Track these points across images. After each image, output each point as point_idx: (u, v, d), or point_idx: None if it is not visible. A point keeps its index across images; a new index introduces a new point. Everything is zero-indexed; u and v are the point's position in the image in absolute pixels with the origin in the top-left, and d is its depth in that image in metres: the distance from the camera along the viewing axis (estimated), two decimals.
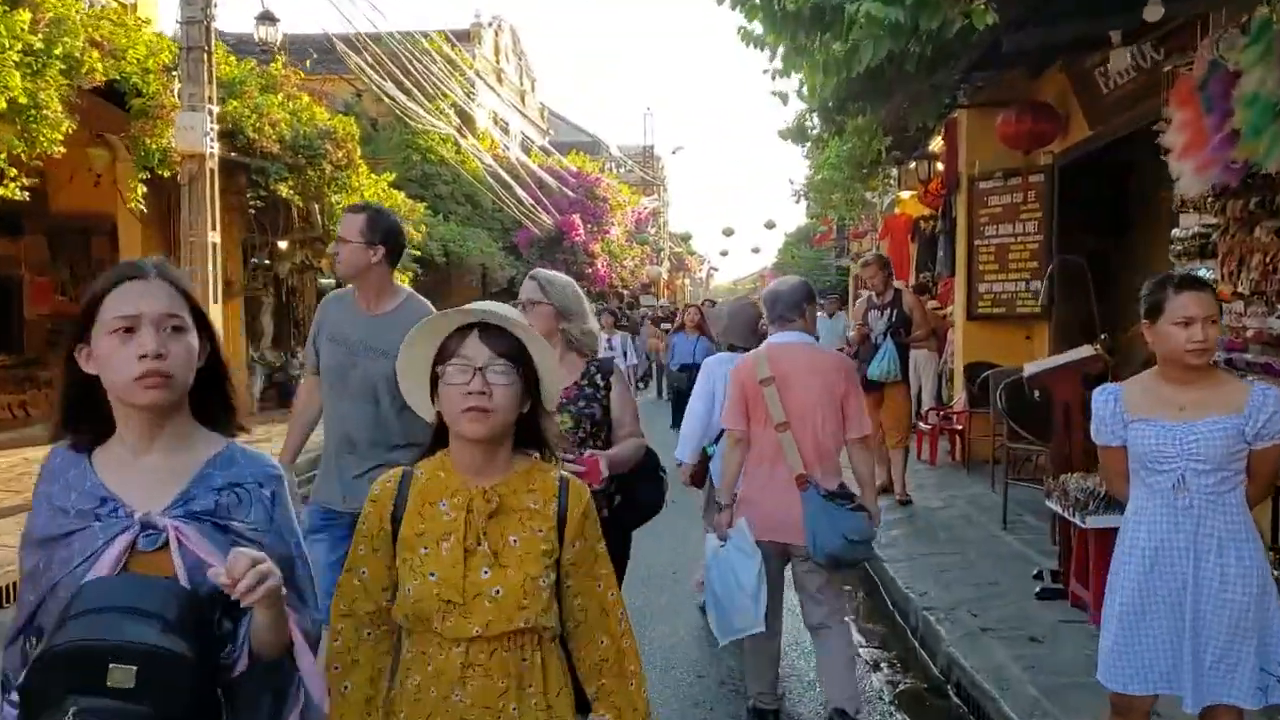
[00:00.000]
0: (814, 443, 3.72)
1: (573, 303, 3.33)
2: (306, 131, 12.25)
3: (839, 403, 3.77)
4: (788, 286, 4.08)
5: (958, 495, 8.11)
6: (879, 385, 7.93)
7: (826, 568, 3.75)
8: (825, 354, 4.12)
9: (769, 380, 3.73)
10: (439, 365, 1.94)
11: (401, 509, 1.97)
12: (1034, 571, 5.52)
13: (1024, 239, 9.33)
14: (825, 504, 3.62)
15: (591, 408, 3.30)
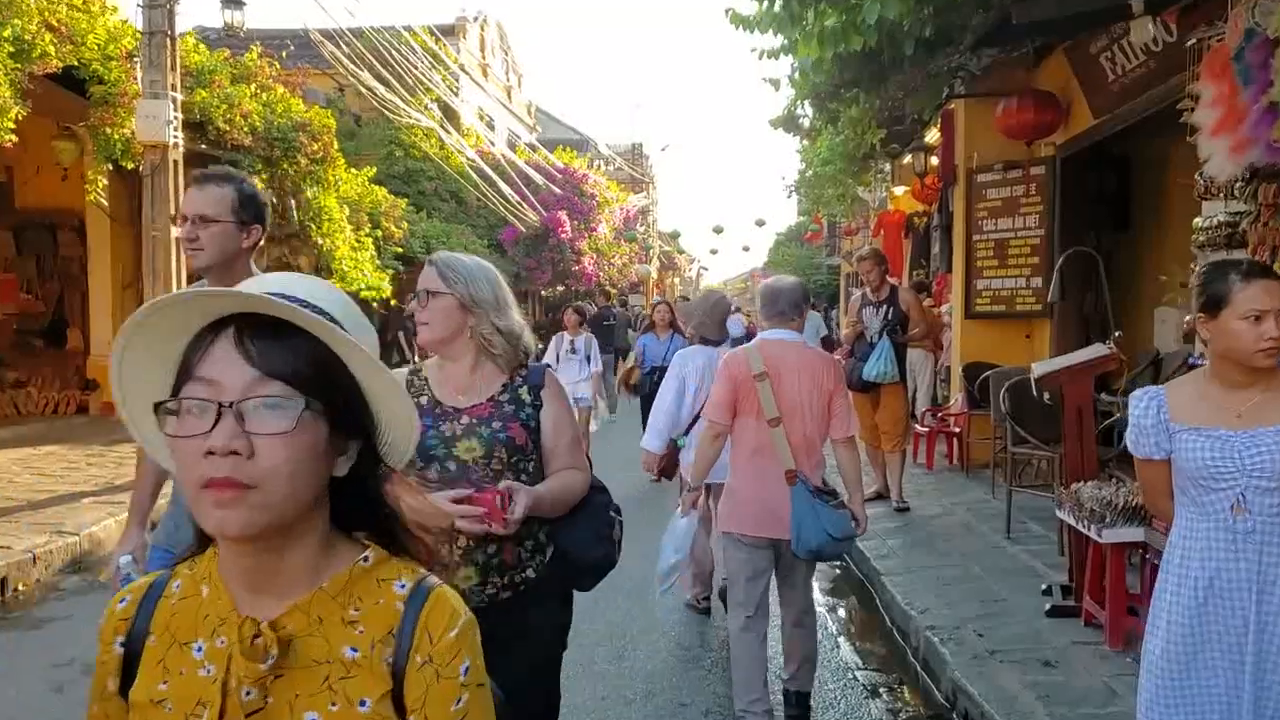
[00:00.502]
0: (802, 439, 3.76)
1: (484, 291, 2.47)
2: (281, 124, 11.82)
3: (826, 401, 3.83)
4: (788, 285, 4.12)
5: (957, 501, 7.75)
6: (874, 386, 7.57)
7: (806, 561, 3.87)
8: (815, 352, 4.12)
9: (763, 375, 3.75)
10: (166, 400, 1.10)
11: (137, 650, 1.18)
12: (1043, 586, 5.16)
13: (1024, 234, 8.99)
14: (812, 499, 3.66)
15: (510, 430, 2.46)
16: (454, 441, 2.43)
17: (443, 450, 2.42)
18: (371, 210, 16.44)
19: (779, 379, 3.77)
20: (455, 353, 2.51)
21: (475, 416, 2.47)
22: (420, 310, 2.50)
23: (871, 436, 7.85)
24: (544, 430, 2.53)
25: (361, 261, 14.50)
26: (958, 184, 9.69)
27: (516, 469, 2.46)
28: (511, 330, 2.51)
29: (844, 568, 6.63)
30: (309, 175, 12.44)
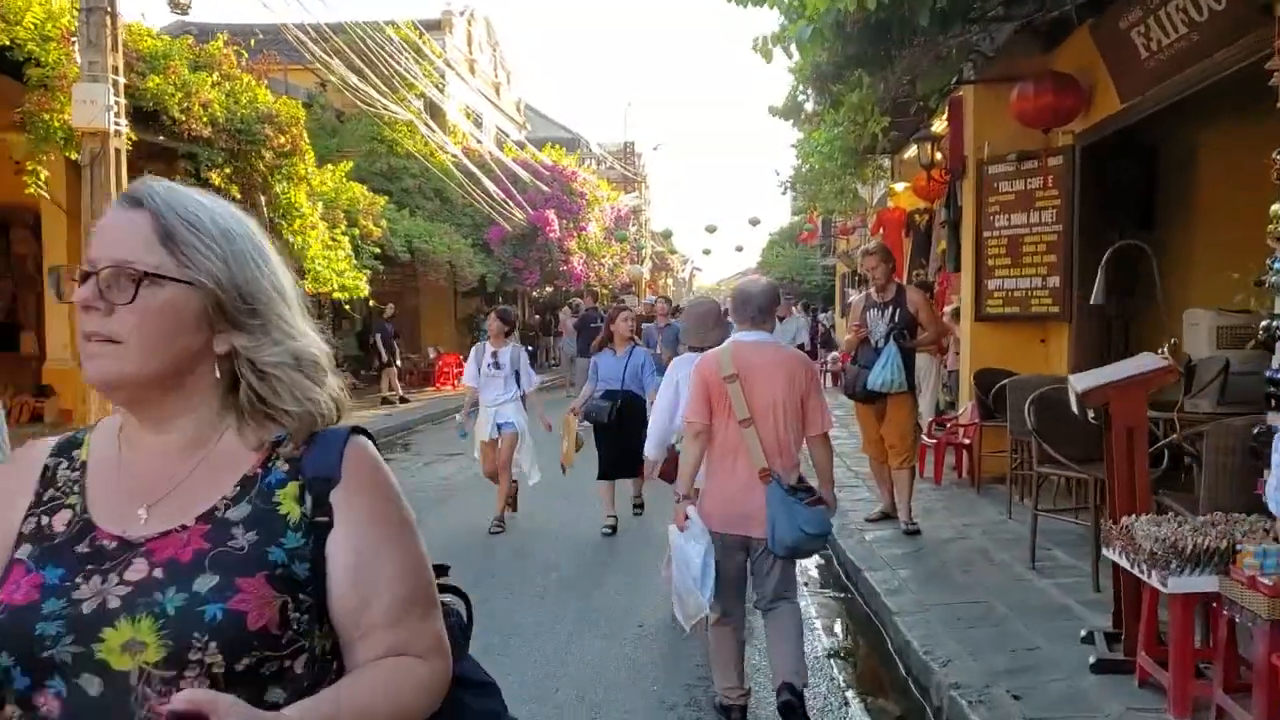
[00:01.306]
0: (775, 438, 3.83)
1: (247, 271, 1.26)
2: (244, 114, 11.10)
3: (800, 400, 3.89)
4: (759, 289, 4.16)
5: (970, 523, 7.06)
6: (880, 397, 6.89)
7: (783, 558, 3.88)
8: (787, 352, 4.18)
9: (733, 377, 3.83)
10: None
11: None
12: (1082, 633, 4.47)
13: (1040, 230, 8.30)
14: (785, 498, 3.73)
15: (238, 595, 1.13)
16: (97, 627, 1.11)
17: (73, 647, 1.11)
18: (348, 207, 15.72)
19: (750, 380, 3.83)
20: (165, 409, 1.24)
21: (159, 563, 1.16)
22: (90, 311, 1.17)
23: (877, 451, 7.17)
24: (334, 580, 1.21)
25: (336, 260, 13.77)
26: (967, 176, 9.01)
27: (255, 681, 1.13)
28: (304, 358, 1.29)
29: (849, 600, 5.94)
30: (276, 170, 11.69)
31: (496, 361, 7.66)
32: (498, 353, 7.71)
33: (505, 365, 7.65)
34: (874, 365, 6.83)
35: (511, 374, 7.67)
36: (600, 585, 6.12)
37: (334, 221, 14.82)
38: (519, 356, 7.79)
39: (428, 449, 12.35)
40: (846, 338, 7.30)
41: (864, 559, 6.17)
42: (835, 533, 6.88)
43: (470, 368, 7.92)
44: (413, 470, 10.72)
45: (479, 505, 8.50)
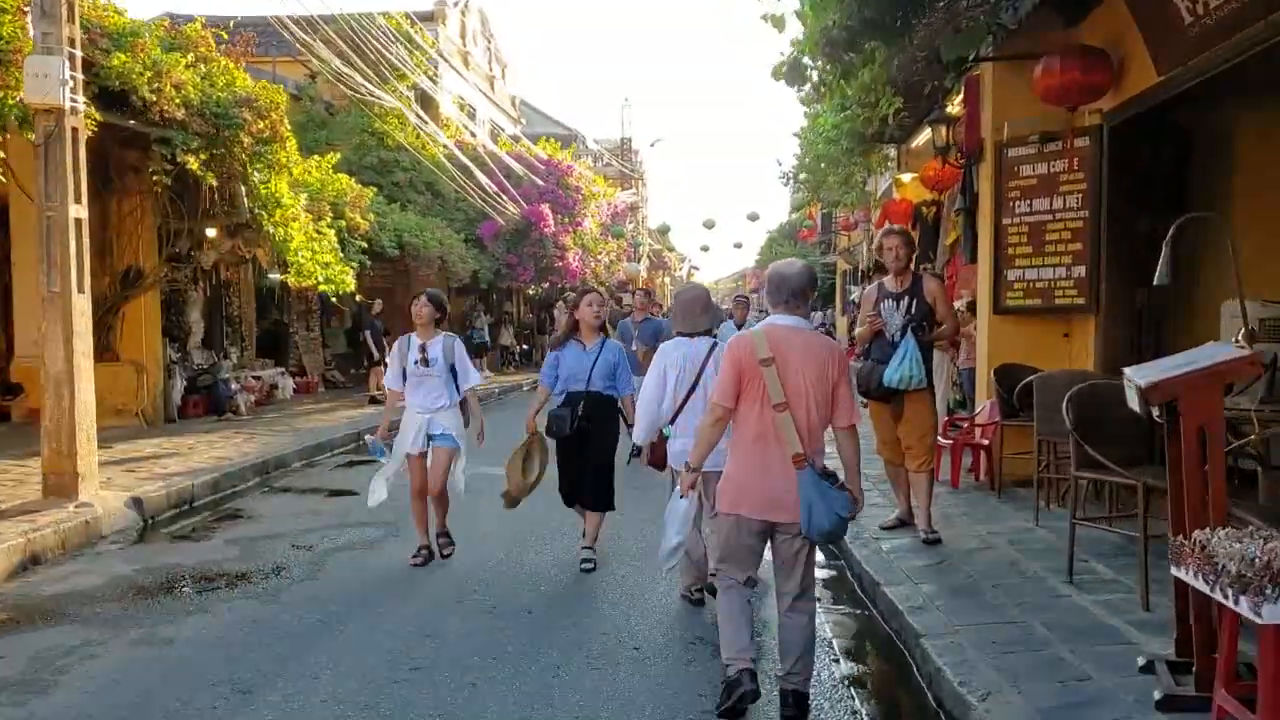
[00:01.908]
0: (807, 424, 3.80)
1: None
2: (221, 97, 10.55)
3: (831, 388, 3.85)
4: (794, 271, 4.03)
5: (995, 531, 6.53)
6: (897, 394, 6.35)
7: (802, 546, 3.86)
8: (820, 339, 4.08)
9: (769, 360, 3.78)
10: None
11: None
12: (1139, 661, 3.93)
13: (1064, 216, 7.77)
14: (820, 483, 3.71)
15: None
16: None
17: None
18: (335, 199, 15.17)
19: (785, 364, 3.78)
20: None
21: None
22: None
23: (892, 453, 6.63)
24: None
25: (320, 253, 13.22)
26: (984, 161, 8.47)
27: None
28: None
29: (866, 617, 5.40)
30: (256, 157, 11.13)
31: (426, 357, 6.21)
32: (427, 346, 6.24)
33: (438, 361, 6.21)
34: (890, 360, 6.30)
35: (446, 372, 6.23)
36: (592, 604, 5.58)
37: (319, 213, 14.26)
38: (454, 349, 6.32)
39: None
40: (859, 330, 6.76)
41: (882, 571, 5.63)
42: (849, 542, 6.36)
43: (393, 367, 6.40)
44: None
45: (463, 511, 7.95)
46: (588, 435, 6.15)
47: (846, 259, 26.52)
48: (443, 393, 6.28)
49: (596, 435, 6.19)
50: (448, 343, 6.35)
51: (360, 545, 7.03)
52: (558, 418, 6.17)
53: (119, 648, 4.85)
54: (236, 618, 5.31)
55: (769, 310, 4.17)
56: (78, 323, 7.40)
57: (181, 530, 7.63)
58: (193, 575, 6.22)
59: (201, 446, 10.83)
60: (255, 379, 15.41)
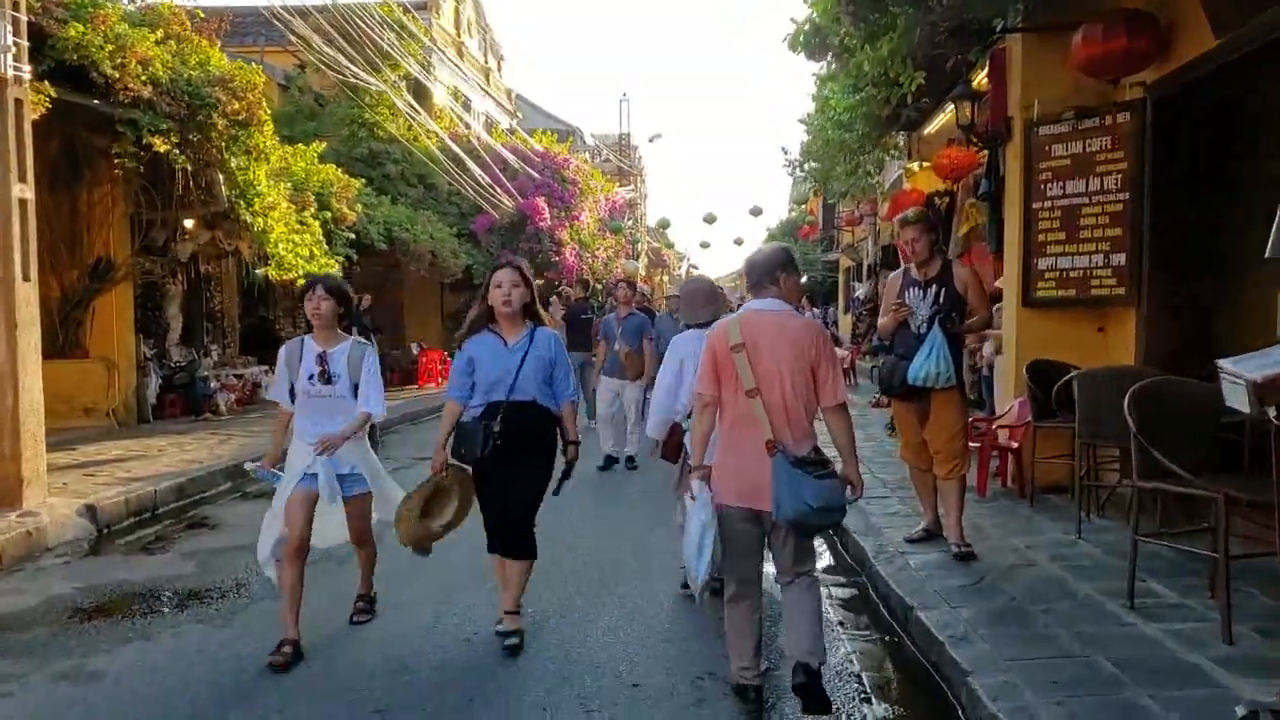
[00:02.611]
0: (783, 408, 3.73)
1: None
2: (193, 76, 9.90)
3: (810, 368, 3.77)
4: (762, 255, 4.09)
5: (1032, 544, 5.88)
6: (923, 392, 5.72)
7: (790, 532, 3.76)
8: (797, 319, 3.94)
9: (739, 346, 3.76)
10: None
11: None
12: (1240, 711, 3.28)
13: (1101, 199, 7.13)
14: (791, 470, 3.61)
15: None
16: None
17: None
18: (320, 190, 14.52)
19: (756, 349, 3.75)
20: None
21: None
22: None
23: (918, 457, 5.99)
24: None
25: (302, 245, 12.57)
26: (1011, 141, 7.83)
27: None
28: None
29: (896, 645, 4.76)
30: (231, 141, 10.48)
31: (326, 370, 4.57)
32: (327, 355, 4.59)
33: (341, 378, 4.58)
34: (915, 354, 5.66)
35: (350, 390, 4.61)
36: (584, 631, 4.93)
37: (304, 204, 13.62)
38: (363, 360, 4.65)
39: (400, 452, 11.14)
40: (881, 321, 6.11)
41: (913, 592, 4.98)
42: (872, 557, 5.73)
43: (280, 380, 4.72)
44: None
45: None
46: (511, 460, 4.46)
47: (850, 255, 25.83)
48: (344, 416, 4.62)
49: (523, 460, 4.51)
50: (356, 352, 4.66)
51: (333, 559, 6.35)
52: (467, 434, 4.47)
53: (39, 683, 4.20)
54: (181, 646, 4.67)
55: None
56: (22, 312, 6.74)
57: (138, 541, 6.97)
58: (141, 594, 5.57)
59: (172, 449, 10.18)
60: (237, 377, 14.76)
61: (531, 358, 4.53)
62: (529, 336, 4.58)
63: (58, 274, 11.44)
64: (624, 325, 9.52)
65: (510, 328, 4.57)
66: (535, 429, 4.57)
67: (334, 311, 4.65)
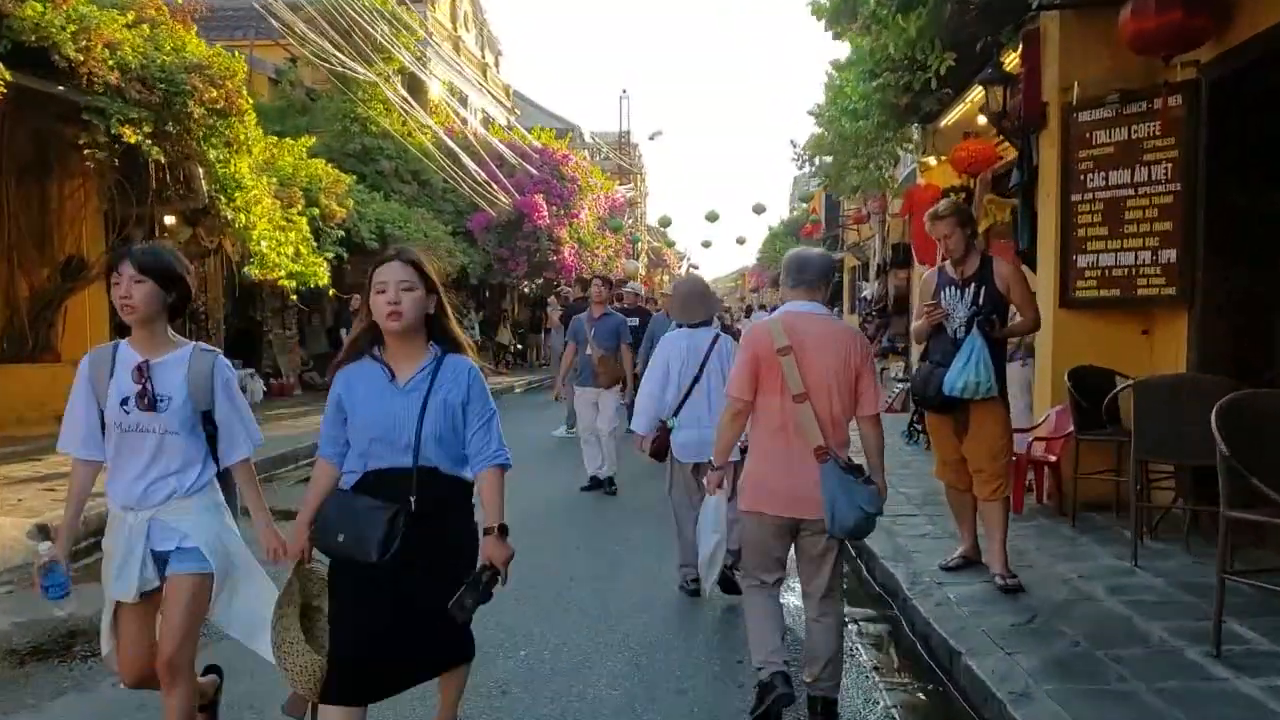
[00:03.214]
0: (829, 415, 3.60)
1: None
2: (166, 62, 9.28)
3: (854, 377, 3.64)
4: (817, 254, 3.94)
5: (1085, 574, 5.28)
6: (961, 404, 5.11)
7: (828, 544, 3.65)
8: (839, 324, 3.84)
9: (786, 349, 3.58)
10: None
11: None
12: None
13: (1149, 190, 6.54)
14: (844, 477, 3.50)
15: None
16: None
17: None
18: (308, 185, 13.91)
19: (804, 353, 3.60)
20: None
21: None
22: None
23: (956, 476, 5.39)
24: None
25: (287, 243, 11.95)
26: (1047, 127, 7.23)
27: None
28: None
29: (942, 694, 4.15)
30: (210, 132, 9.87)
31: (148, 389, 3.06)
32: (150, 367, 3.10)
33: (172, 401, 3.08)
34: (953, 362, 5.06)
35: (189, 423, 3.10)
36: (585, 680, 4.32)
37: (290, 200, 13.01)
38: (213, 376, 3.17)
39: None
40: (914, 324, 5.51)
41: (958, 633, 4.38)
42: (906, 588, 5.13)
43: (73, 411, 3.13)
44: None
45: None
46: (419, 560, 2.88)
47: (855, 255, 25.23)
48: (182, 464, 3.08)
49: (436, 559, 2.94)
50: (201, 364, 3.15)
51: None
52: (347, 517, 2.90)
53: None
54: (121, 698, 4.05)
55: (781, 297, 3.95)
56: None
57: (94, 566, 6.35)
58: (86, 631, 4.96)
59: None
60: None
61: (436, 402, 2.91)
62: (431, 368, 2.95)
63: (26, 272, 10.84)
64: (597, 326, 8.57)
65: (402, 353, 2.98)
66: (446, 510, 2.97)
67: (156, 300, 3.06)
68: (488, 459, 2.97)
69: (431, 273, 2.99)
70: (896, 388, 14.08)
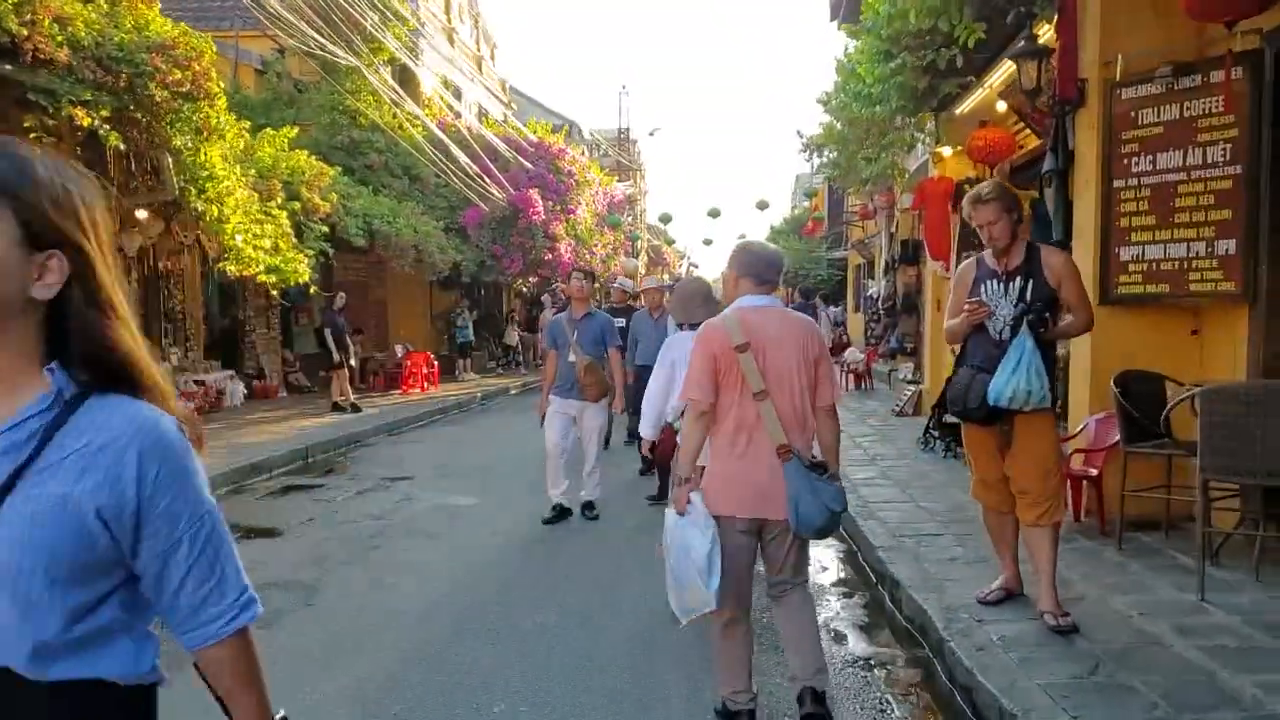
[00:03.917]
0: (792, 410, 3.53)
1: None
2: (124, 39, 8.60)
3: (813, 369, 3.59)
4: (775, 252, 3.87)
5: (1146, 608, 4.59)
6: (1006, 414, 4.44)
7: (795, 541, 3.59)
8: (793, 315, 3.74)
9: (745, 346, 3.49)
10: None
11: None
12: None
13: (1204, 174, 5.86)
14: (808, 475, 3.45)
15: None
16: None
17: None
18: (289, 178, 13.23)
19: (762, 349, 3.51)
20: None
21: None
22: None
23: (998, 498, 4.70)
24: None
25: (264, 237, 11.27)
26: (1086, 106, 6.55)
27: None
28: None
29: None
30: (174, 116, 9.19)
31: None
32: None
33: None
34: (999, 367, 4.38)
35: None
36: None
37: (270, 193, 12.34)
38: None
39: (368, 470, 9.86)
40: (950, 323, 4.82)
41: (1010, 689, 3.69)
42: (942, 628, 4.45)
43: None
44: (335, 503, 8.19)
45: (418, 567, 6.06)
46: None
47: (860, 252, 24.54)
48: None
49: None
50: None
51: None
52: None
53: None
54: None
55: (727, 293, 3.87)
56: None
57: None
58: None
59: None
60: (198, 384, 13.46)
61: (28, 506, 1.24)
62: (38, 420, 1.28)
63: None
64: (580, 329, 7.17)
65: None
66: None
67: None
68: (215, 623, 1.39)
69: (50, 207, 1.28)
70: (908, 390, 13.41)
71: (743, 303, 3.65)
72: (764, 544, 3.63)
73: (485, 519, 7.42)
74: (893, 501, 7.23)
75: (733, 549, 3.50)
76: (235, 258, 10.96)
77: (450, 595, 5.43)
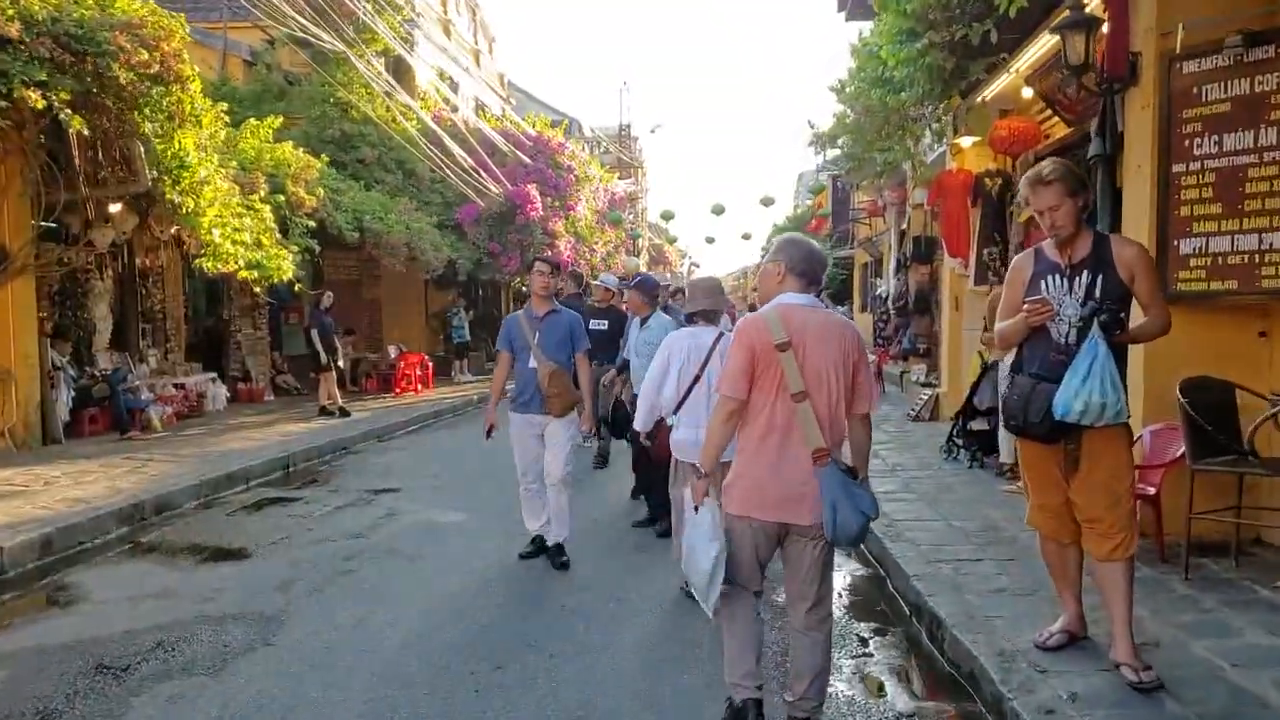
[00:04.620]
0: (829, 413, 3.38)
1: None
2: (85, 16, 7.96)
3: (851, 372, 3.44)
4: (818, 247, 3.67)
5: (1238, 658, 3.94)
6: (1073, 431, 3.79)
7: (820, 550, 3.44)
8: (836, 317, 3.57)
9: (786, 345, 3.34)
10: None
11: None
12: None
13: (1278, 155, 5.21)
14: (845, 480, 3.32)
15: None
16: None
17: None
18: (274, 170, 12.58)
19: (803, 348, 3.36)
20: None
21: None
22: None
23: (1059, 526, 4.05)
24: None
25: (244, 231, 10.62)
26: (1139, 82, 5.90)
27: None
28: None
29: None
30: (142, 101, 8.54)
31: None
32: None
33: None
34: (1066, 376, 3.73)
35: None
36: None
37: (252, 186, 11.69)
38: None
39: (351, 481, 9.20)
40: (1002, 325, 4.16)
41: None
42: (999, 681, 3.80)
43: None
44: (312, 519, 7.52)
45: (394, 598, 5.40)
46: None
47: (868, 250, 23.90)
48: None
49: None
50: None
51: (205, 660, 4.43)
52: None
53: None
54: None
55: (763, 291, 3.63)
56: None
57: None
58: None
59: (66, 480, 8.24)
60: (177, 387, 12.81)
61: None
62: None
63: None
64: (542, 329, 6.03)
65: None
66: None
67: None
68: None
69: None
70: (923, 394, 12.76)
71: (785, 299, 3.47)
72: (786, 550, 3.48)
73: (471, 539, 6.77)
74: (922, 520, 6.57)
75: (749, 550, 3.42)
76: (213, 253, 10.32)
77: (426, 636, 4.77)
